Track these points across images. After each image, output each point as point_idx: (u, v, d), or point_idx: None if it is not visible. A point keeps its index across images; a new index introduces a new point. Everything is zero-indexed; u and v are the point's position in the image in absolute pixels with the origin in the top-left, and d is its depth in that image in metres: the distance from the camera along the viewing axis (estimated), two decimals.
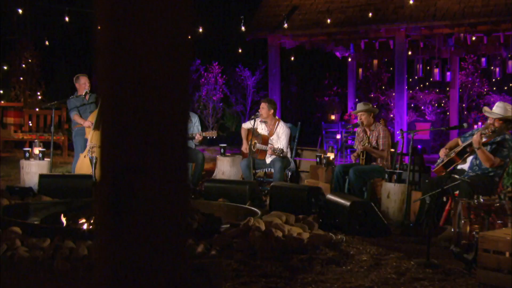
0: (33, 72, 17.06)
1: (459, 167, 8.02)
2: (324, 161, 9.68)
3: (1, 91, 16.94)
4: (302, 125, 10.73)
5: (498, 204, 6.80)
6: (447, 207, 7.64)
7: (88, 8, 14.95)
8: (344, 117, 18.73)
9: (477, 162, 7.76)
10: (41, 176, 8.67)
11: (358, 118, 9.40)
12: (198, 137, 10.01)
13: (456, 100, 20.16)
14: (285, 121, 10.63)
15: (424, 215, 7.62)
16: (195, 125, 10.33)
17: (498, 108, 7.81)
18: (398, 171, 8.73)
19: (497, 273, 5.64)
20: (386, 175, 8.75)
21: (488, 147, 7.74)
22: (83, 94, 10.17)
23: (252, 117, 10.07)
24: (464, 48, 19.16)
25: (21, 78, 16.74)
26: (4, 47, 16.97)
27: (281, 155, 9.56)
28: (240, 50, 17.69)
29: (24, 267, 5.18)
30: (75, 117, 10.20)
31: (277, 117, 10.13)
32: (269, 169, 9.74)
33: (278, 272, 5.66)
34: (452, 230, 7.00)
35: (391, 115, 21.55)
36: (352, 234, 7.34)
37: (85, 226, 6.46)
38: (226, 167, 10.32)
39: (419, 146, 16.38)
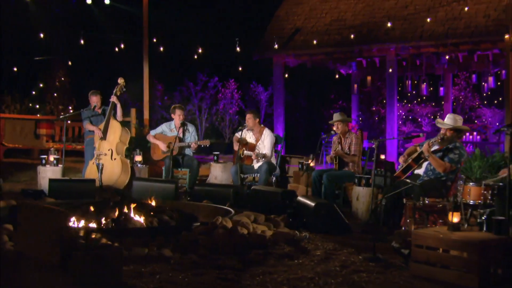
0: (65, 89, 17.52)
1: (416, 172, 8.11)
2: (304, 167, 9.81)
3: (37, 106, 17.41)
4: (309, 135, 10.82)
5: (440, 205, 6.90)
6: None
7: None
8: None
9: (431, 167, 7.85)
10: (51, 181, 8.97)
11: (335, 127, 9.54)
12: (193, 146, 10.22)
13: (449, 113, 20.06)
14: (294, 131, 10.69)
15: (382, 215, 7.73)
16: (192, 135, 10.53)
17: (449, 120, 7.90)
18: (366, 176, 8.84)
19: (427, 266, 5.74)
20: (356, 180, 8.87)
21: (441, 154, 7.83)
22: (92, 107, 10.47)
23: (240, 128, 10.27)
24: (457, 66, 19.14)
25: (55, 94, 17.19)
26: (39, 66, 17.41)
27: (263, 158, 9.75)
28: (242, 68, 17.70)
29: (8, 260, 5.40)
30: (87, 125, 10.50)
31: (262, 125, 10.30)
32: (256, 174, 9.89)
33: (233, 264, 5.76)
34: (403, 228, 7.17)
35: None
36: (316, 232, 7.46)
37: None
38: (218, 173, 10.50)
39: None
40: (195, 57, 16.34)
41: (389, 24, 15.23)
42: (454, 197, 7.18)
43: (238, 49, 15.50)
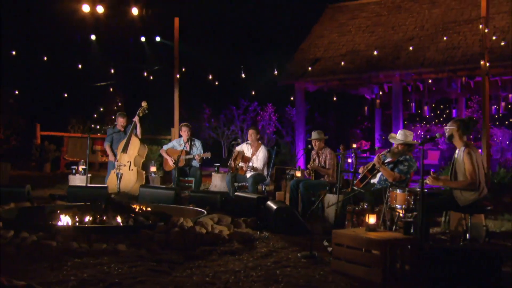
0: (121, 111, 17.99)
1: (372, 181, 7.92)
2: (288, 176, 9.74)
3: (98, 126, 17.99)
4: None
5: (377, 210, 6.72)
6: None
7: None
8: (356, 145, 18.46)
9: (384, 177, 7.66)
10: (69, 187, 9.26)
11: (313, 143, 9.44)
12: (197, 158, 10.36)
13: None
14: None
15: (339, 218, 7.59)
16: (198, 149, 10.65)
17: (400, 135, 7.70)
18: (336, 184, 8.68)
19: (343, 262, 5.61)
20: (328, 188, 8.74)
21: (392, 165, 7.63)
22: (116, 126, 10.79)
23: (233, 142, 10.36)
24: (469, 90, 18.58)
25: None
26: (100, 93, 18.04)
27: (252, 170, 9.77)
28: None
29: None
30: (106, 147, 10.80)
31: (259, 142, 10.30)
32: (247, 183, 9.89)
33: (174, 259, 5.74)
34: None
35: None
36: (277, 232, 7.38)
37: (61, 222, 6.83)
38: (218, 181, 10.55)
39: (432, 170, 15.96)
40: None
41: (396, 54, 15.02)
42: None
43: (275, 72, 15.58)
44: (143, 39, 16.72)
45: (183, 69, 15.52)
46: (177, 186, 10.14)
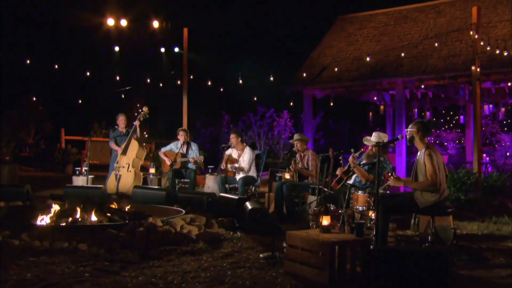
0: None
1: (348, 182, 7.43)
2: (277, 178, 9.31)
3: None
4: None
5: (340, 211, 6.24)
6: None
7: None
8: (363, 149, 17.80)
9: (358, 179, 7.17)
10: (65, 187, 9.04)
11: (295, 146, 8.99)
12: (191, 160, 10.03)
13: (471, 138, 18.51)
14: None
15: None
16: (194, 152, 10.33)
17: (374, 137, 7.22)
18: (318, 186, 8.21)
19: (295, 264, 5.18)
20: (310, 189, 8.28)
21: (366, 167, 7.14)
22: (119, 128, 10.57)
23: (223, 145, 9.99)
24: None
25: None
26: (121, 99, 17.91)
27: (241, 171, 9.40)
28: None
29: None
30: (112, 144, 10.58)
31: (244, 144, 9.90)
32: (238, 185, 9.49)
33: (130, 258, 5.43)
34: None
35: None
36: (251, 233, 6.99)
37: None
38: (211, 183, 10.19)
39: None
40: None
41: (399, 61, 14.43)
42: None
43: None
44: (162, 49, 16.58)
45: (191, 77, 15.20)
46: (172, 187, 9.84)
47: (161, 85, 15.06)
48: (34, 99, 16.91)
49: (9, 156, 16.45)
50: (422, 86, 14.27)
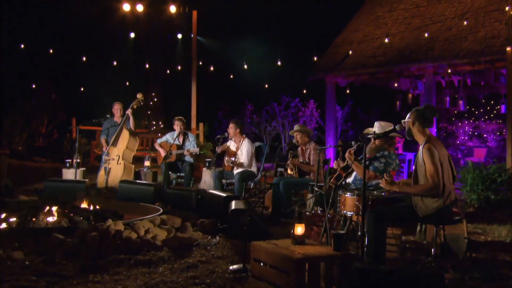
0: (157, 107, 17.17)
1: (348, 180, 6.42)
2: (278, 173, 8.35)
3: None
4: None
5: (329, 216, 5.25)
6: None
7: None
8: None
9: (359, 176, 6.15)
10: (46, 181, 8.33)
11: (294, 138, 8.00)
12: (186, 153, 9.18)
13: None
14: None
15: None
16: (191, 143, 9.47)
17: (376, 128, 6.17)
18: (319, 184, 7.20)
19: (259, 282, 4.25)
20: (309, 187, 7.28)
21: (368, 162, 6.11)
22: (114, 118, 9.82)
23: (218, 137, 9.03)
24: None
25: (149, 112, 16.91)
26: (134, 88, 17.25)
27: (237, 167, 8.48)
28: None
29: None
30: (102, 140, 9.83)
31: (243, 136, 8.94)
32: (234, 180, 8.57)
33: (66, 271, 4.57)
34: None
35: (457, 142, 18.95)
36: (233, 237, 6.09)
37: None
38: (207, 178, 9.29)
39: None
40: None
41: (430, 45, 13.20)
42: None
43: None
44: (179, 35, 15.83)
45: (200, 63, 14.39)
46: (165, 181, 9.03)
47: (168, 71, 14.23)
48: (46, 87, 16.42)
49: (22, 146, 16.02)
50: (449, 71, 12.94)
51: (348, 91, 16.74)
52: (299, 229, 4.27)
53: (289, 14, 23.74)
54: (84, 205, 6.47)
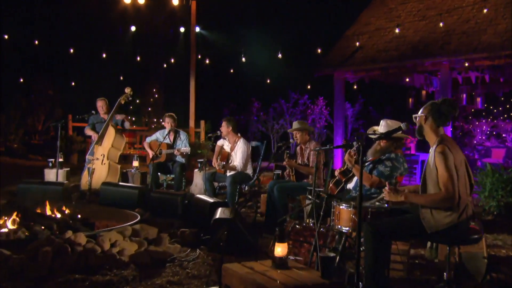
0: (158, 104, 16.45)
1: (348, 186, 5.63)
2: (274, 177, 7.57)
3: (133, 118, 16.54)
4: None
5: (322, 230, 4.45)
6: None
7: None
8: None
9: None
10: (20, 183, 7.62)
11: (293, 136, 7.19)
12: (176, 152, 8.42)
13: None
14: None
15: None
16: (183, 142, 8.72)
17: (381, 127, 5.36)
18: (319, 189, 6.40)
19: None
20: (307, 192, 6.48)
21: (371, 166, 5.31)
22: (96, 113, 9.10)
23: (210, 135, 8.23)
24: None
25: (149, 109, 16.20)
26: (135, 84, 16.55)
27: (225, 169, 7.71)
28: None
29: None
30: (87, 130, 9.13)
31: (238, 135, 8.13)
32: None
33: None
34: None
35: (474, 141, 18.00)
36: (215, 250, 5.33)
37: None
38: (199, 180, 8.54)
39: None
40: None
41: (446, 38, 12.31)
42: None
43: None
44: (181, 29, 15.12)
45: (199, 56, 13.59)
46: (153, 183, 8.29)
47: (169, 66, 13.50)
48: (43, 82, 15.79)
49: (17, 144, 15.42)
50: (466, 65, 12.03)
51: (358, 88, 15.92)
52: (280, 250, 3.49)
53: (296, 6, 22.91)
54: (50, 211, 5.73)
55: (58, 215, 5.69)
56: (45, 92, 15.80)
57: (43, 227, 5.26)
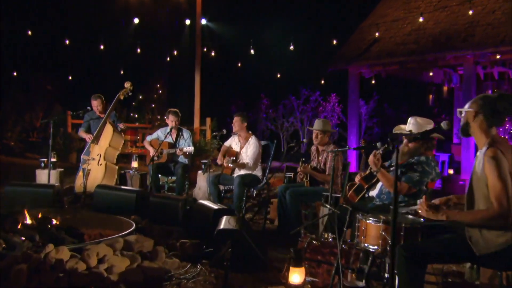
0: (162, 100, 15.91)
1: (371, 193, 5.03)
2: (285, 180, 6.98)
3: (136, 115, 15.99)
4: None
5: (344, 247, 3.86)
6: None
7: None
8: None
9: (386, 189, 4.75)
10: (7, 185, 7.06)
11: (314, 136, 6.58)
12: (179, 152, 7.85)
13: None
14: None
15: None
16: (186, 142, 8.15)
17: (410, 125, 4.77)
18: (335, 195, 5.80)
19: None
20: (323, 198, 5.89)
21: (398, 171, 4.70)
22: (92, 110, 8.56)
23: (215, 133, 7.60)
24: None
25: (153, 105, 15.66)
26: (138, 80, 16.03)
27: (240, 168, 7.14)
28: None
29: None
30: (81, 132, 8.58)
31: (250, 132, 7.54)
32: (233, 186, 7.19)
33: None
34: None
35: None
36: (218, 266, 4.75)
37: None
38: (203, 183, 7.97)
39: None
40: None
41: (470, 30, 11.67)
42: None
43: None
44: (187, 21, 14.57)
45: (205, 50, 13.01)
46: (153, 186, 7.73)
47: (175, 61, 12.94)
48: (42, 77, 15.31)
49: (14, 141, 14.94)
50: (493, 58, 11.36)
51: (373, 84, 15.28)
52: (296, 277, 2.90)
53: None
54: (32, 219, 5.18)
55: (45, 223, 5.13)
56: (43, 87, 15.28)
57: (23, 238, 4.70)
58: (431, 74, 13.57)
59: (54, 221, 5.34)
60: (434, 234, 3.43)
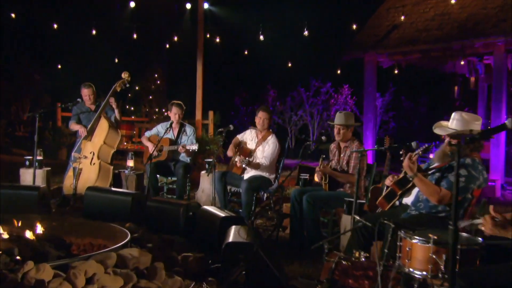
0: (160, 91, 15.46)
1: (405, 200, 4.59)
2: (301, 182, 6.55)
3: (132, 108, 15.56)
4: None
5: (380, 268, 3.41)
6: None
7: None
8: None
9: (423, 196, 4.31)
10: None
11: (335, 131, 6.13)
12: (180, 149, 7.42)
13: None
14: (411, 140, 6.09)
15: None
16: (189, 138, 7.71)
17: (454, 122, 4.32)
18: (360, 200, 5.38)
19: None
20: (345, 205, 5.46)
21: (439, 175, 4.28)
22: (82, 101, 8.13)
23: (226, 128, 7.05)
24: None
25: (150, 97, 15.22)
26: (134, 70, 15.57)
27: (251, 169, 6.71)
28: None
29: None
30: (72, 124, 8.14)
31: (270, 130, 7.11)
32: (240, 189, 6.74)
33: None
34: None
35: None
36: (227, 285, 4.32)
37: None
38: (206, 185, 7.54)
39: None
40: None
41: (501, 15, 11.21)
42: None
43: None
44: (188, 5, 14.12)
45: (208, 36, 12.57)
46: (151, 188, 7.32)
47: (167, 48, 12.49)
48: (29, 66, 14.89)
49: (0, 136, 14.55)
50: None
51: (391, 74, 14.82)
52: None
53: None
54: (8, 229, 4.76)
55: (26, 234, 4.72)
56: (31, 76, 14.85)
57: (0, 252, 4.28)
58: (462, 63, 13.06)
59: (38, 230, 4.94)
60: (496, 258, 2.99)
